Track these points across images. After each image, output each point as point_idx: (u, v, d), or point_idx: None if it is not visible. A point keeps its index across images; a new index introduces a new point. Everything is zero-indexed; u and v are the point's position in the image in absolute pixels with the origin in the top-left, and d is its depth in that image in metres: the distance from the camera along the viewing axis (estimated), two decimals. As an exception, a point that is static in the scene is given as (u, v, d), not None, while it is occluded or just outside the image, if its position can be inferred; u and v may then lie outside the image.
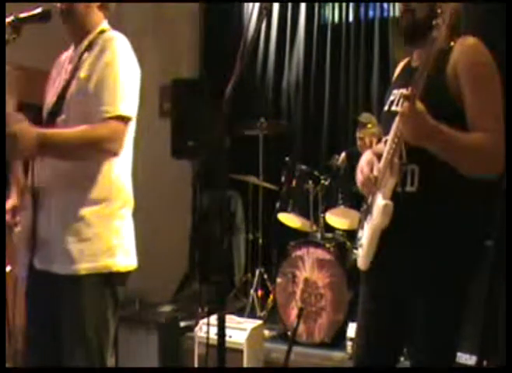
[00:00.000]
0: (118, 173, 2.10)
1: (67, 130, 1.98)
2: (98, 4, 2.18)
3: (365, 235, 2.04)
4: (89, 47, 2.11)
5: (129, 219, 2.16)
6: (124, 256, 2.10)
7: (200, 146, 4.66)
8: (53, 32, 2.26)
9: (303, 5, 5.52)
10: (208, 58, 5.88)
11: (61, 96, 2.09)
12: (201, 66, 5.93)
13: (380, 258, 1.99)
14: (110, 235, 2.06)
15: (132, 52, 2.13)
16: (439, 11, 1.66)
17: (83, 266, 2.00)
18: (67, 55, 2.25)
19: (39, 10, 2.12)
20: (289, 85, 5.60)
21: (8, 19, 2.04)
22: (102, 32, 2.15)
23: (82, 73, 2.06)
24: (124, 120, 2.02)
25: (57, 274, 2.01)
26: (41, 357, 2.11)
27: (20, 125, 1.87)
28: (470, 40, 1.89)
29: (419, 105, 1.74)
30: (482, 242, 2.01)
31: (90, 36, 2.14)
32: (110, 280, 2.07)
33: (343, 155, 4.55)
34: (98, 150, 1.98)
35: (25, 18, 2.08)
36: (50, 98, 2.16)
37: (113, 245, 2.06)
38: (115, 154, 2.03)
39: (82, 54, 2.12)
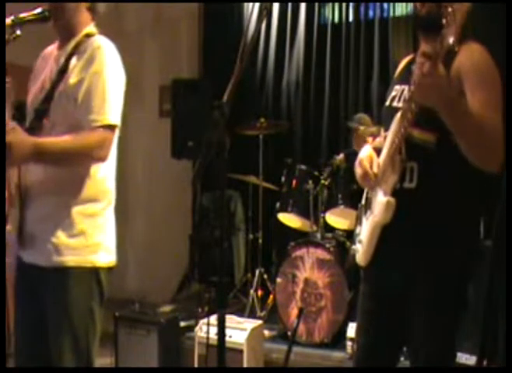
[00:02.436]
0: (104, 175, 2.20)
1: (60, 139, 2.05)
2: (87, 4, 2.20)
3: (364, 231, 2.05)
4: (76, 50, 2.14)
5: (112, 218, 2.26)
6: (105, 253, 2.20)
7: (200, 146, 4.66)
8: (51, 31, 2.27)
9: (303, 5, 5.52)
10: (208, 58, 5.87)
11: (49, 97, 2.13)
12: (201, 66, 5.93)
13: (379, 255, 2.00)
14: (94, 233, 2.16)
15: (119, 59, 2.18)
16: (449, 9, 1.65)
17: (70, 259, 2.10)
18: (51, 51, 2.28)
19: (39, 10, 2.12)
20: (289, 85, 5.60)
21: (8, 19, 2.05)
22: (88, 35, 2.19)
23: (72, 79, 2.11)
24: (112, 128, 2.11)
25: (45, 267, 2.10)
26: (29, 350, 2.20)
27: (15, 135, 1.94)
28: (474, 46, 1.90)
29: (441, 67, 1.70)
30: (480, 239, 2.02)
31: (77, 38, 2.18)
32: (95, 274, 2.16)
33: (341, 155, 4.55)
34: (88, 157, 2.09)
35: (25, 18, 2.08)
36: (36, 93, 2.20)
37: (96, 242, 2.17)
38: (103, 160, 2.13)
39: (69, 56, 2.15)
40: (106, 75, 2.10)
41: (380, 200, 1.93)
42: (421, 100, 1.77)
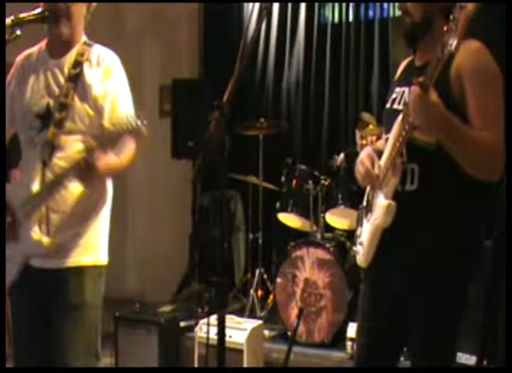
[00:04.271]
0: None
1: (120, 158, 2.16)
2: (85, 13, 2.25)
3: (365, 233, 2.05)
4: (82, 58, 2.20)
5: None
6: (105, 253, 2.30)
7: (200, 146, 4.66)
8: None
9: (303, 5, 5.51)
10: (208, 58, 5.87)
11: (64, 105, 2.17)
12: (201, 66, 5.92)
13: (380, 256, 2.00)
14: (102, 233, 2.28)
15: None
16: (451, 17, 1.66)
17: (85, 258, 2.20)
18: (38, 55, 2.29)
19: (39, 10, 2.13)
20: (289, 85, 5.59)
21: (8, 19, 2.05)
22: (86, 44, 2.26)
23: (95, 90, 2.18)
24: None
25: (60, 268, 2.17)
26: (33, 352, 2.24)
27: (98, 157, 2.02)
28: (474, 44, 1.89)
29: (433, 95, 1.73)
30: (481, 241, 2.01)
31: (77, 47, 2.23)
32: (102, 272, 2.28)
33: (342, 155, 4.55)
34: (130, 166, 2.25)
35: (25, 18, 2.09)
36: (36, 100, 2.22)
37: (102, 243, 2.28)
38: None
39: (76, 64, 2.20)
40: (126, 86, 2.26)
41: (381, 203, 1.93)
42: (416, 123, 1.80)
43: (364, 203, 2.15)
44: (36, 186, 2.13)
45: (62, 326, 2.16)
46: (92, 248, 2.23)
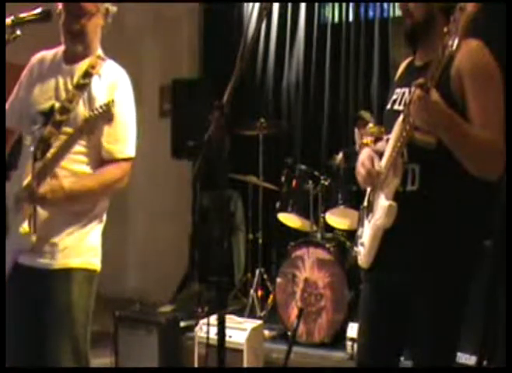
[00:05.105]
0: None
1: (88, 181, 2.19)
2: (102, 24, 2.28)
3: (367, 234, 2.05)
4: (93, 70, 2.24)
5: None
6: (99, 258, 2.29)
7: (200, 146, 4.66)
8: (52, 32, 2.28)
9: (303, 5, 5.52)
10: (208, 58, 5.88)
11: (67, 109, 2.20)
12: (201, 66, 5.93)
13: (381, 257, 1.99)
14: (94, 236, 2.27)
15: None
16: (452, 18, 1.66)
17: (73, 260, 2.19)
18: (53, 58, 2.32)
19: (39, 10, 2.13)
20: (289, 85, 5.60)
21: (8, 19, 2.05)
22: (100, 58, 2.30)
23: (98, 102, 2.19)
24: (131, 160, 2.27)
25: (49, 269, 2.16)
26: (25, 352, 2.22)
27: (53, 184, 2.07)
28: (474, 43, 1.90)
29: (434, 94, 1.74)
30: (481, 241, 2.01)
31: (91, 58, 2.27)
32: (93, 276, 2.25)
33: (340, 155, 4.55)
34: (110, 191, 2.26)
35: (25, 18, 2.09)
36: (41, 99, 2.26)
37: (95, 246, 2.27)
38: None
39: (86, 74, 2.23)
40: (129, 106, 2.27)
41: (383, 204, 1.93)
42: (418, 124, 1.80)
43: (365, 203, 2.15)
44: (26, 181, 2.15)
45: (49, 327, 2.16)
46: (82, 250, 2.21)
